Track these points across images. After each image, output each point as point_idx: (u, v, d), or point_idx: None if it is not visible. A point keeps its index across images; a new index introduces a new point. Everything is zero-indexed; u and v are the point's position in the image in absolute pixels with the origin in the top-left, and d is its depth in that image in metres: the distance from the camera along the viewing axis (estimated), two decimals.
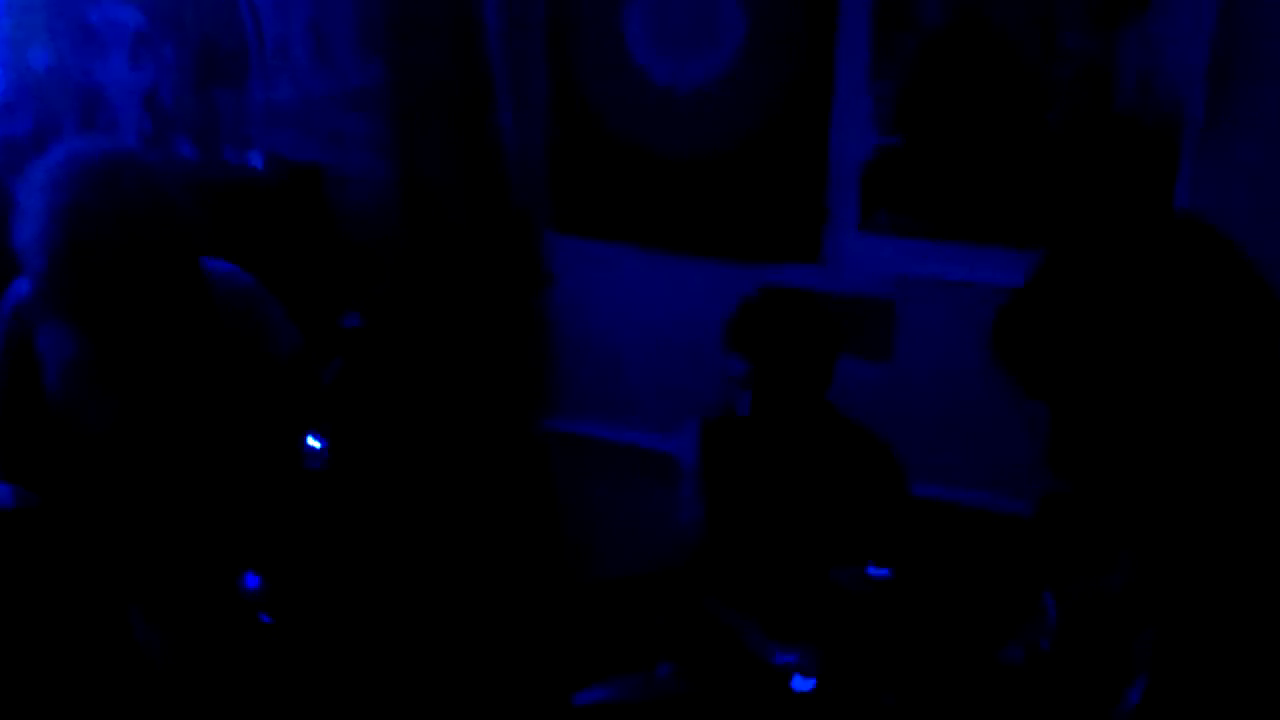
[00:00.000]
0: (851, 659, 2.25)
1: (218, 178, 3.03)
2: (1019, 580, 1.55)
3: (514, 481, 3.34)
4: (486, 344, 3.30)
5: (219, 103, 3.17)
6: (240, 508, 2.24)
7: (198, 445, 2.06)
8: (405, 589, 2.87)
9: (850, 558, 2.37)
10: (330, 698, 2.22)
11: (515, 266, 3.30)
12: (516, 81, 3.17)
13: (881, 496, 2.43)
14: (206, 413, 2.04)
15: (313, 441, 2.77)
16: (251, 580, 2.30)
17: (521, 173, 3.24)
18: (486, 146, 3.18)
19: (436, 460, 3.18)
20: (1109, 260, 1.22)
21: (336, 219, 3.12)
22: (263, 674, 2.20)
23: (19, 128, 2.97)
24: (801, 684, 2.14)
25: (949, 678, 1.70)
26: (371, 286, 3.14)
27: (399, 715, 2.18)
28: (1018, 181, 2.83)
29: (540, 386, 3.40)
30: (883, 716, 2.08)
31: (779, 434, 2.40)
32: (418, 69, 3.09)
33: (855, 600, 2.29)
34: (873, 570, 2.03)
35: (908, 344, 2.96)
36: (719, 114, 3.01)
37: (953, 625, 2.40)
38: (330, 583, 2.64)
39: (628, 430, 3.27)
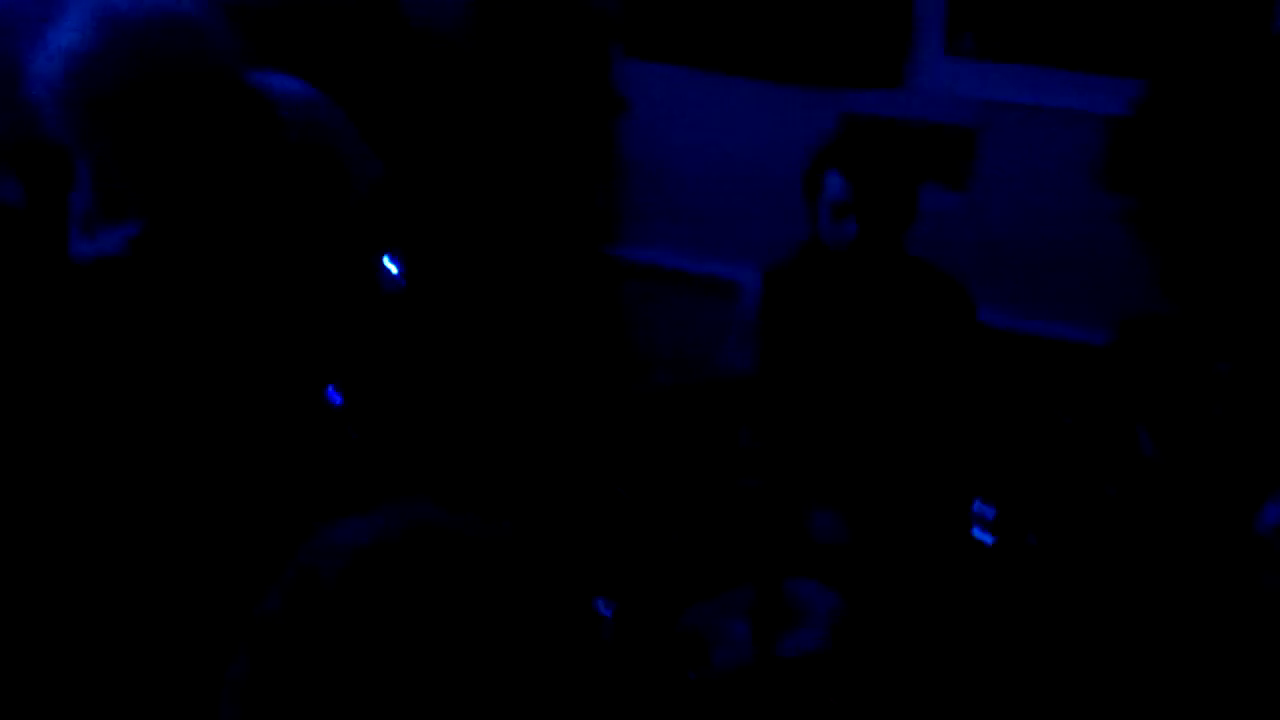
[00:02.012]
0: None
1: None
2: (1106, 412, 1.53)
3: (581, 306, 3.37)
4: (559, 167, 3.28)
5: None
6: (321, 328, 2.28)
7: (270, 263, 2.06)
8: (478, 402, 2.94)
9: (918, 404, 2.38)
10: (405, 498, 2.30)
11: (587, 89, 3.25)
12: None
13: (954, 336, 2.42)
14: (275, 231, 2.03)
15: (389, 265, 2.81)
16: (335, 397, 2.36)
17: None
18: None
19: (507, 279, 3.21)
20: (1220, 84, 1.17)
21: (407, 32, 3.07)
22: (351, 486, 2.28)
23: None
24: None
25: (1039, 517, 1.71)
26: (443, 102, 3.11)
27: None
28: (1114, 2, 2.70)
29: (610, 211, 3.39)
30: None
31: (862, 267, 2.36)
32: None
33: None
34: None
35: (988, 173, 2.89)
36: None
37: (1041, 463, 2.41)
38: (409, 398, 2.71)
39: (696, 259, 3.26)
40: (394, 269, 2.80)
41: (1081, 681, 1.41)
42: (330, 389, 2.39)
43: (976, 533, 1.75)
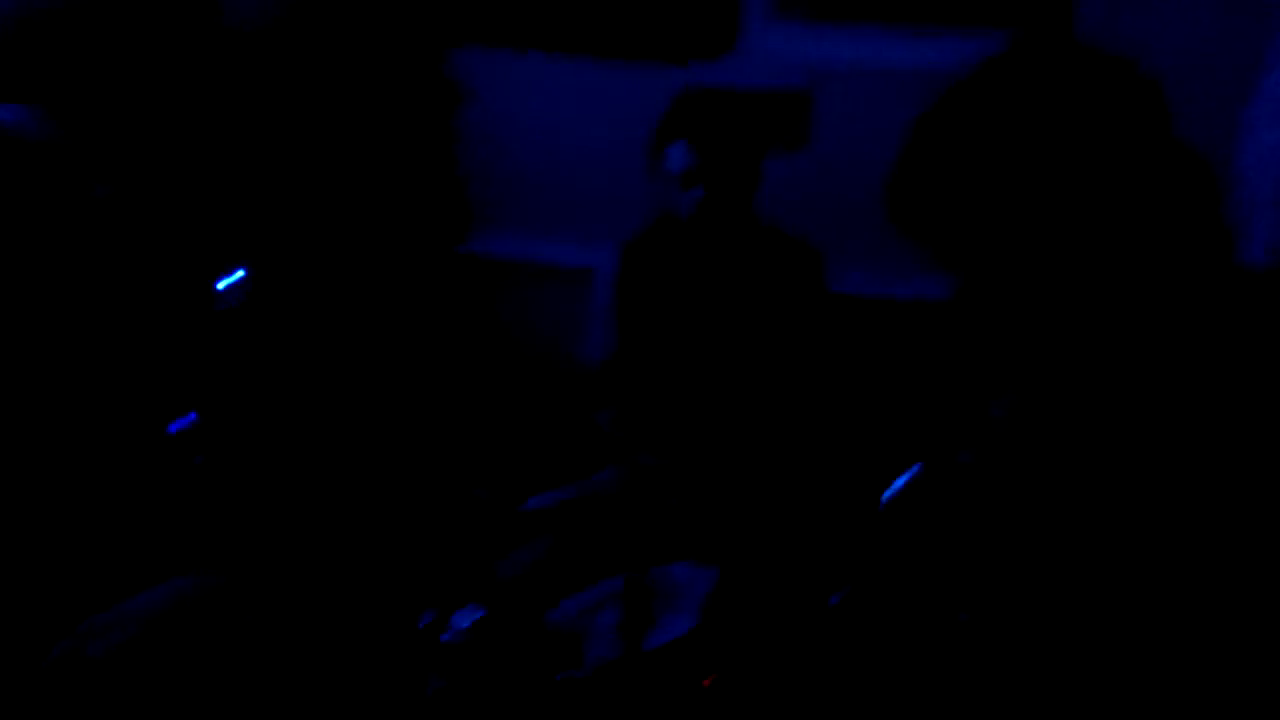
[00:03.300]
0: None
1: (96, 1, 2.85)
2: (952, 376, 1.51)
3: (437, 304, 3.32)
4: (399, 164, 3.21)
5: None
6: (148, 350, 2.20)
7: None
8: (334, 413, 2.88)
9: (771, 369, 2.40)
10: (268, 527, 2.25)
11: (424, 80, 3.19)
12: None
13: (807, 303, 2.44)
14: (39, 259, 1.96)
15: (229, 280, 2.72)
16: (180, 421, 2.29)
17: None
18: None
19: (356, 284, 3.14)
20: (1009, 105, 1.12)
21: (230, 37, 2.97)
22: (201, 511, 2.21)
23: None
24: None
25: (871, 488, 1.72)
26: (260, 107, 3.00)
27: (338, 537, 2.23)
28: None
29: (457, 205, 3.33)
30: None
31: (714, 235, 2.37)
32: None
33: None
34: None
35: (825, 133, 2.92)
36: None
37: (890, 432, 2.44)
38: (261, 415, 2.63)
39: (545, 247, 3.23)
40: (234, 284, 2.71)
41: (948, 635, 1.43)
42: (174, 414, 2.31)
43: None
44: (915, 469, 1.56)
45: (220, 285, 2.43)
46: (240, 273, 2.68)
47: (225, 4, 2.96)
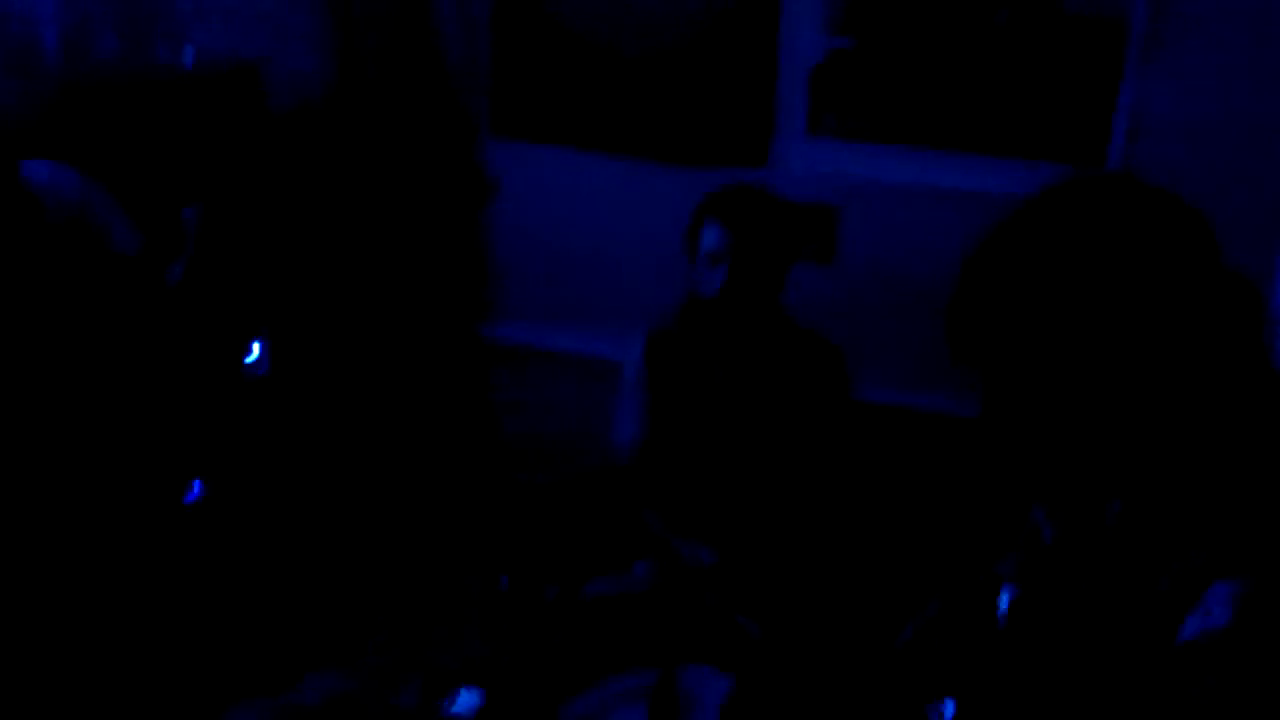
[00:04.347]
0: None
1: (144, 77, 2.91)
2: (993, 491, 1.50)
3: (456, 387, 3.32)
4: (429, 250, 3.24)
5: None
6: (177, 415, 2.21)
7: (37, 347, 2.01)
8: (349, 491, 2.86)
9: (796, 464, 2.40)
10: (277, 595, 2.23)
11: (457, 171, 3.23)
12: None
13: (830, 399, 2.45)
14: (42, 310, 1.99)
15: (254, 349, 2.72)
16: (196, 488, 2.28)
17: (464, 73, 3.15)
18: (428, 44, 3.09)
19: (379, 366, 3.14)
20: (1062, 237, 1.14)
21: (272, 119, 3.01)
22: (211, 573, 2.20)
23: None
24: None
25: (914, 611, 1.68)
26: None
27: (345, 612, 2.20)
28: (966, 84, 2.82)
29: (482, 292, 3.35)
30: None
31: (739, 322, 2.39)
32: None
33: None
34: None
35: (852, 248, 2.96)
36: (667, 10, 2.95)
37: (917, 548, 2.42)
38: (275, 485, 2.61)
39: (570, 337, 3.24)
40: (257, 354, 2.71)
41: None
42: (195, 481, 2.30)
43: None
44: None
45: (246, 357, 2.43)
46: (257, 346, 2.68)
47: (270, 87, 3.02)
